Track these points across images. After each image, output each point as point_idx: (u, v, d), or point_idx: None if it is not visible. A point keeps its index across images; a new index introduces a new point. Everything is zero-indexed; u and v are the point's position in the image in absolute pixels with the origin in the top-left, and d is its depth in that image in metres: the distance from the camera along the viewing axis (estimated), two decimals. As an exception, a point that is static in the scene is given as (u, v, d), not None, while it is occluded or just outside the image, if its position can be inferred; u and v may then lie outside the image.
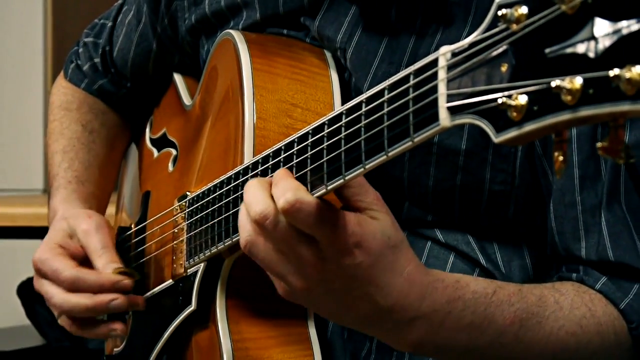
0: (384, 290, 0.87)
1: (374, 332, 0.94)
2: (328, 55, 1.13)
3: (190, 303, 1.09)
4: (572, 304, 0.97)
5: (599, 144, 0.65)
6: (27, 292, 2.25)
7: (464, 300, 0.91)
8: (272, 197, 0.86)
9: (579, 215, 1.02)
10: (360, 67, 1.09)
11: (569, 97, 0.64)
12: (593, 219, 1.02)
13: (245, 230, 0.88)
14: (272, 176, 0.89)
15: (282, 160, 0.92)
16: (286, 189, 0.84)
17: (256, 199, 0.86)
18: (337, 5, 1.13)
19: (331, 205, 0.85)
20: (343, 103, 0.91)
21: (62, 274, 1.16)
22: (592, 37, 0.63)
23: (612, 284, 1.00)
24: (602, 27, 0.63)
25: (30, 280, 2.31)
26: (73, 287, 1.16)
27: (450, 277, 0.92)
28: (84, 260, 1.20)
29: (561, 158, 0.68)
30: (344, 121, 0.85)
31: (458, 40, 0.75)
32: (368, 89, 0.84)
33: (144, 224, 1.27)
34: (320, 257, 0.86)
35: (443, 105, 0.74)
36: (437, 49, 0.77)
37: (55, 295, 1.17)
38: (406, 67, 0.81)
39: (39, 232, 1.27)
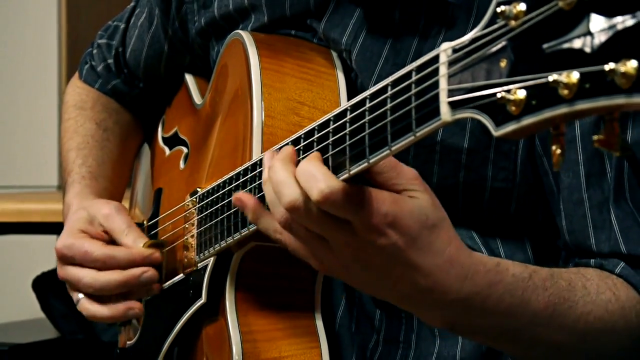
0: (424, 271, 0.86)
1: (411, 308, 0.93)
2: (334, 55, 1.14)
3: (200, 296, 1.11)
4: (598, 289, 0.98)
5: (595, 137, 0.66)
6: (42, 286, 2.26)
7: (504, 284, 0.91)
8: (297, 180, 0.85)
9: (587, 212, 1.03)
10: (365, 68, 1.10)
11: (566, 91, 0.65)
12: (601, 215, 1.02)
13: (278, 213, 0.88)
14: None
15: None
16: (317, 179, 0.83)
17: (283, 182, 0.85)
18: (342, 7, 1.14)
19: (362, 187, 0.84)
20: (349, 101, 0.92)
21: (93, 254, 1.16)
22: (588, 33, 0.64)
23: (631, 269, 1.01)
24: (597, 23, 0.64)
25: (44, 275, 2.32)
26: (105, 265, 1.16)
27: (491, 260, 0.92)
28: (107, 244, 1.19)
29: (559, 151, 0.69)
30: (348, 117, 0.86)
31: None
32: None
33: (156, 219, 1.29)
34: (355, 237, 0.85)
35: (444, 100, 0.75)
36: None
37: (86, 276, 1.17)
38: None
39: (53, 228, 1.29)
